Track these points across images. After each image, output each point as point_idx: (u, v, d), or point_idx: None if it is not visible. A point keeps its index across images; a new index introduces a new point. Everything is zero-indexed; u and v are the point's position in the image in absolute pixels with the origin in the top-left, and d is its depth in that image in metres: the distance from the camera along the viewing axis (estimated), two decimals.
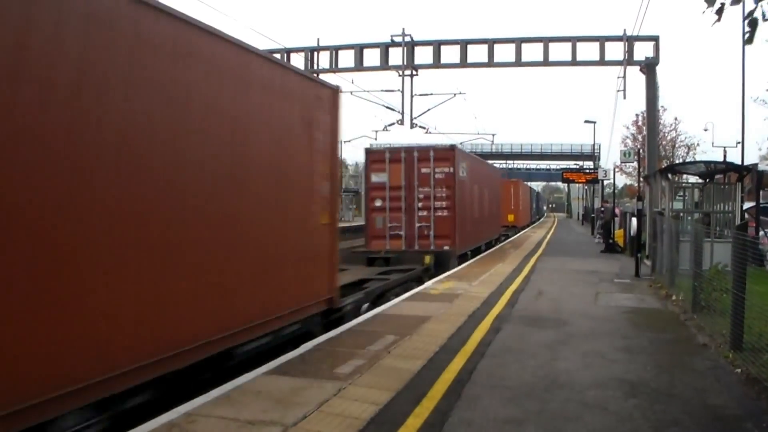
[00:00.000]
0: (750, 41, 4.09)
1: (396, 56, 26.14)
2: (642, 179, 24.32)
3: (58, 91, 4.41)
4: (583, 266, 17.54)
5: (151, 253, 5.30)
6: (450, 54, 25.54)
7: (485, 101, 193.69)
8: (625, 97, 24.96)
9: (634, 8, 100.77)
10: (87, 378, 4.60)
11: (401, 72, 26.77)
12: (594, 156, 56.39)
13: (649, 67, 23.36)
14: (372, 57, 26.32)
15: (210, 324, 6.07)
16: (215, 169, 6.16)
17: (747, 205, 17.91)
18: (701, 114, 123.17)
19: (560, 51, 24.33)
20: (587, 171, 43.59)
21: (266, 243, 7.14)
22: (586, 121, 44.32)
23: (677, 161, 39.42)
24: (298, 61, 25.95)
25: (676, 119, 48.67)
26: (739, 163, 18.63)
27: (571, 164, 68.55)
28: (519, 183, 39.09)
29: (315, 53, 26.59)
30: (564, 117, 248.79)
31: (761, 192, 15.86)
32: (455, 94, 30.53)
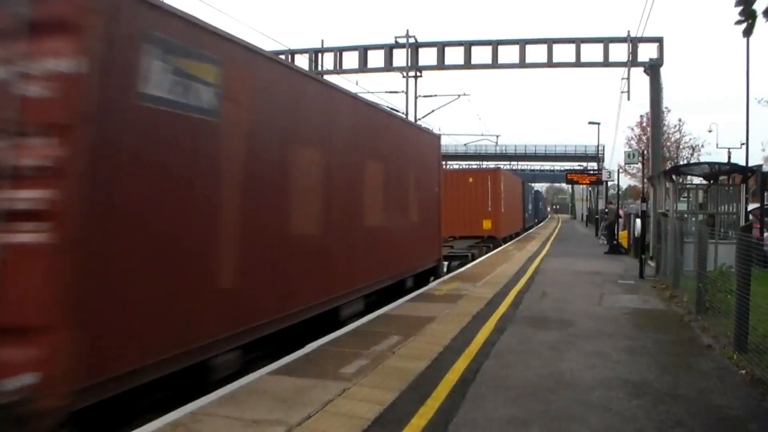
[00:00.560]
0: (749, 33, 4.03)
1: (400, 58, 26.21)
2: (646, 180, 24.28)
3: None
4: (587, 267, 17.54)
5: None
6: (454, 55, 25.61)
7: (489, 102, 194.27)
8: (630, 99, 24.96)
9: (638, 9, 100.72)
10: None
11: (405, 73, 26.86)
12: (598, 157, 56.37)
13: (653, 69, 23.36)
14: (376, 58, 26.38)
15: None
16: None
17: (751, 207, 17.89)
18: (706, 115, 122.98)
19: (564, 52, 24.38)
20: (591, 172, 43.56)
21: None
22: (591, 123, 44.36)
23: (681, 162, 39.31)
24: (303, 63, 25.97)
25: (681, 120, 48.54)
26: (744, 165, 18.62)
27: (576, 165, 68.68)
28: (499, 174, 26.29)
29: (319, 54, 26.63)
30: (568, 118, 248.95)
31: (766, 193, 15.80)
32: (459, 96, 30.63)
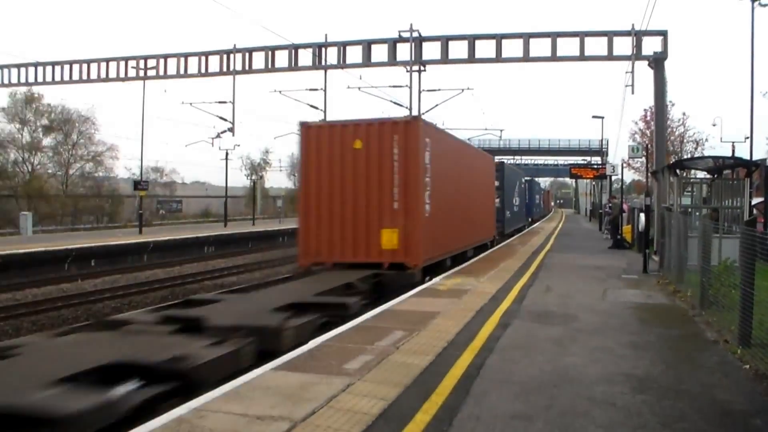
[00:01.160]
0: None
1: (404, 52, 26.11)
2: (650, 175, 24.23)
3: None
4: (591, 262, 17.54)
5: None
6: (458, 49, 25.55)
7: (493, 97, 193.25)
8: (633, 92, 24.85)
9: (643, 3, 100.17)
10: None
11: (409, 68, 26.77)
12: (602, 151, 56.27)
13: (658, 62, 23.26)
14: (380, 53, 26.32)
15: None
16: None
17: (755, 201, 17.84)
18: (710, 109, 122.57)
19: (568, 46, 24.32)
20: (595, 166, 43.48)
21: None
22: (594, 117, 44.13)
23: (685, 156, 39.16)
24: (306, 57, 25.96)
25: (685, 114, 48.46)
26: (748, 159, 18.56)
27: (579, 160, 68.45)
28: (418, 129, 12.94)
29: (323, 49, 26.57)
30: (572, 112, 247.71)
31: None
32: (463, 90, 30.47)
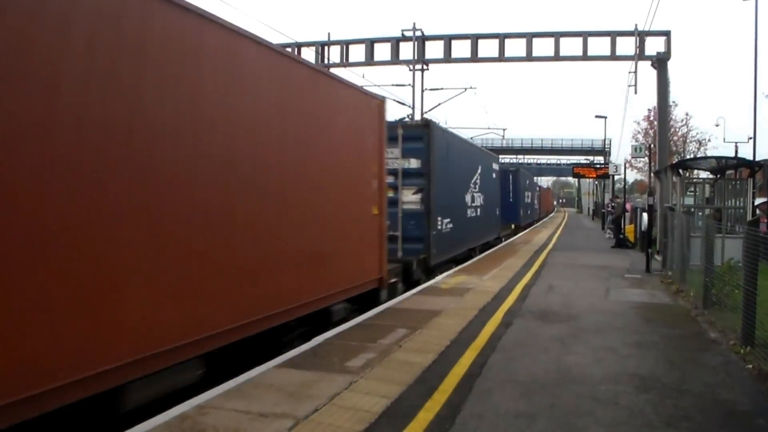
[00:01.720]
0: None
1: (407, 51, 26.06)
2: (653, 174, 24.19)
3: None
4: (594, 261, 17.49)
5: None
6: (461, 48, 25.47)
7: (496, 96, 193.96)
8: (636, 92, 24.93)
9: (646, 3, 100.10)
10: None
11: (412, 66, 26.73)
12: (605, 151, 56.13)
13: (661, 62, 23.19)
14: (383, 51, 26.26)
15: None
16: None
17: (759, 201, 17.82)
18: (712, 109, 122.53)
19: (571, 46, 24.24)
20: (598, 166, 43.37)
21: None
22: (597, 116, 44.04)
23: (688, 156, 39.14)
24: (309, 56, 25.92)
25: (687, 114, 48.53)
26: (751, 159, 18.54)
27: (582, 159, 68.28)
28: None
29: (326, 47, 26.54)
30: (575, 112, 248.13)
31: None
32: (466, 89, 30.49)
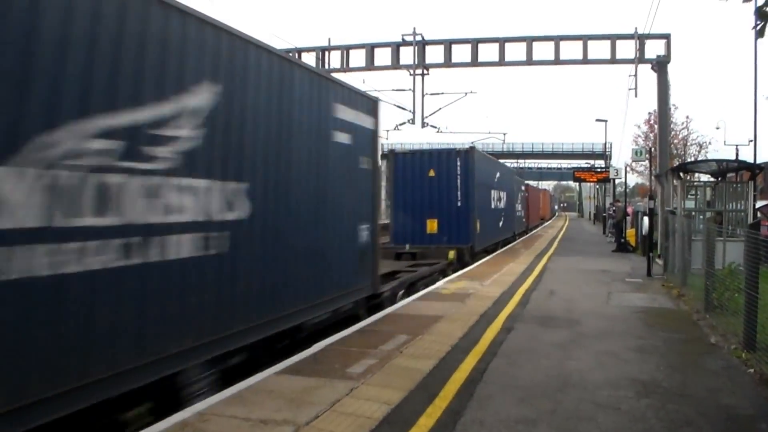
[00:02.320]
0: (762, 34, 4.05)
1: (407, 55, 26.06)
2: (653, 178, 24.18)
3: None
4: (595, 265, 17.48)
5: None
6: (461, 53, 25.47)
7: (496, 100, 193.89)
8: (637, 96, 24.87)
9: (646, 6, 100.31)
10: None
11: (412, 71, 26.71)
12: (605, 155, 56.01)
13: (661, 66, 23.19)
14: (383, 56, 26.27)
15: None
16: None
17: (759, 204, 17.78)
18: (713, 112, 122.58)
19: (571, 50, 24.21)
20: (599, 170, 43.28)
21: None
22: (598, 120, 44.16)
23: (689, 160, 39.09)
24: (310, 60, 25.94)
25: (688, 117, 48.55)
26: (752, 162, 18.52)
27: (583, 163, 68.26)
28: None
29: (326, 53, 26.58)
30: (575, 116, 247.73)
31: None
32: (466, 93, 30.53)
